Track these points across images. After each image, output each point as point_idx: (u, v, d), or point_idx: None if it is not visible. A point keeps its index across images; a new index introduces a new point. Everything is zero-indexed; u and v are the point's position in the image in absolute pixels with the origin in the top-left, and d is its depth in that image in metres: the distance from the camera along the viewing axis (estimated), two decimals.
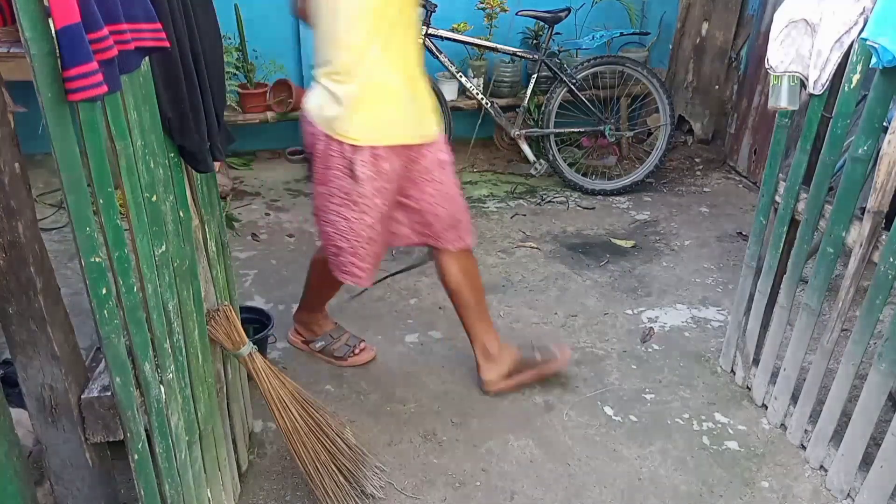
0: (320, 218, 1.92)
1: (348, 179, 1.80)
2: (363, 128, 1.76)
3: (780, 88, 1.81)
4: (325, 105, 1.77)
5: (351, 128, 1.75)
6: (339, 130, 1.76)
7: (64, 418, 1.16)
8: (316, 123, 1.80)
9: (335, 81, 1.75)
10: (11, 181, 0.97)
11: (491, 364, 2.18)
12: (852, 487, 1.81)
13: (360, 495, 1.78)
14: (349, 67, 1.72)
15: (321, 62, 1.78)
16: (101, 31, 0.93)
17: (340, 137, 1.76)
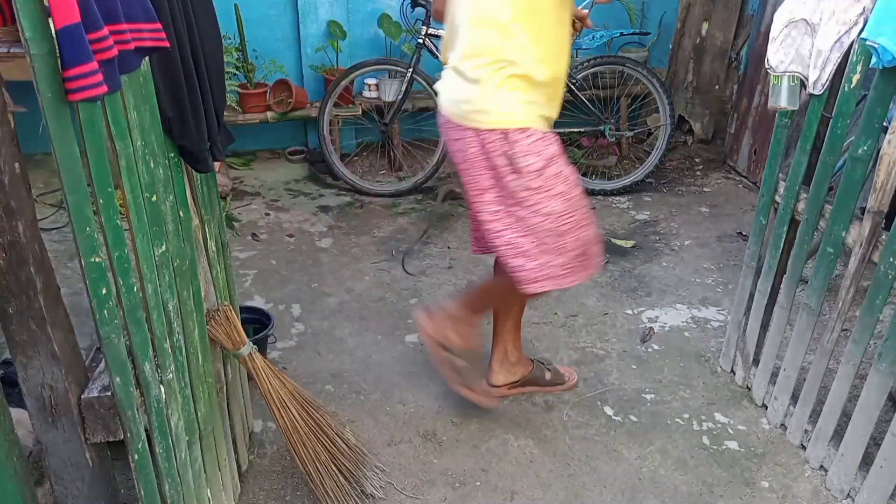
0: (560, 227, 1.73)
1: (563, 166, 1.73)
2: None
3: (780, 88, 1.81)
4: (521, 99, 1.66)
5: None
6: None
7: (64, 418, 1.16)
8: (519, 124, 1.66)
9: (509, 77, 1.63)
10: (11, 181, 0.97)
11: (504, 370, 2.17)
12: (852, 487, 1.81)
13: (360, 495, 1.78)
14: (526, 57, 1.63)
15: (474, 61, 1.65)
16: (101, 31, 0.93)
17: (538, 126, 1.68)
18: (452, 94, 1.72)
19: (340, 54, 3.91)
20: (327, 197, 3.71)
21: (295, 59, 4.00)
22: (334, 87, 3.67)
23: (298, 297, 2.75)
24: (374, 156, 4.17)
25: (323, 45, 3.89)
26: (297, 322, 2.58)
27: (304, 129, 4.21)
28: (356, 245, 3.20)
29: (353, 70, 3.65)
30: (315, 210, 3.55)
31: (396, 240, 3.25)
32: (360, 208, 3.60)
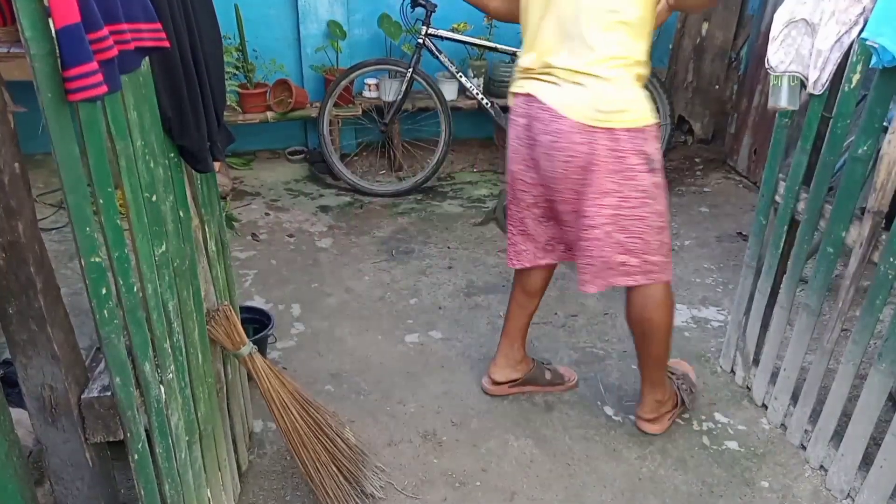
0: (661, 224, 1.77)
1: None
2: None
3: (780, 88, 1.81)
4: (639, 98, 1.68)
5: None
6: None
7: (64, 418, 1.16)
8: (638, 124, 1.67)
9: (637, 76, 1.66)
10: (11, 181, 0.97)
11: (508, 367, 2.17)
12: (852, 487, 1.81)
13: (360, 495, 1.78)
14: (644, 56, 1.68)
15: (589, 59, 1.63)
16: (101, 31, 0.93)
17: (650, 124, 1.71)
18: (578, 96, 1.64)
19: (340, 54, 3.91)
20: (327, 197, 3.71)
21: (295, 59, 4.00)
22: (334, 87, 3.67)
23: (298, 297, 2.75)
24: (374, 156, 4.17)
25: (323, 45, 3.89)
26: (297, 322, 2.58)
27: (304, 129, 4.21)
28: (356, 245, 3.20)
29: (353, 70, 3.65)
30: (315, 210, 3.55)
31: (396, 240, 3.25)
32: (360, 208, 3.60)
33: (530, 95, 1.73)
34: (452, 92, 3.96)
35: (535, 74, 1.72)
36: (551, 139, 1.70)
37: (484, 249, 3.17)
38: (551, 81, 1.69)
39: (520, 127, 1.79)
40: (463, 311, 2.67)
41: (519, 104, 1.78)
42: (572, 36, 1.63)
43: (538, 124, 1.72)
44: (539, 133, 1.73)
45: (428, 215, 3.53)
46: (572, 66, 1.64)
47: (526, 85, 1.75)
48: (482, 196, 3.78)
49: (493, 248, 3.18)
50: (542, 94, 1.70)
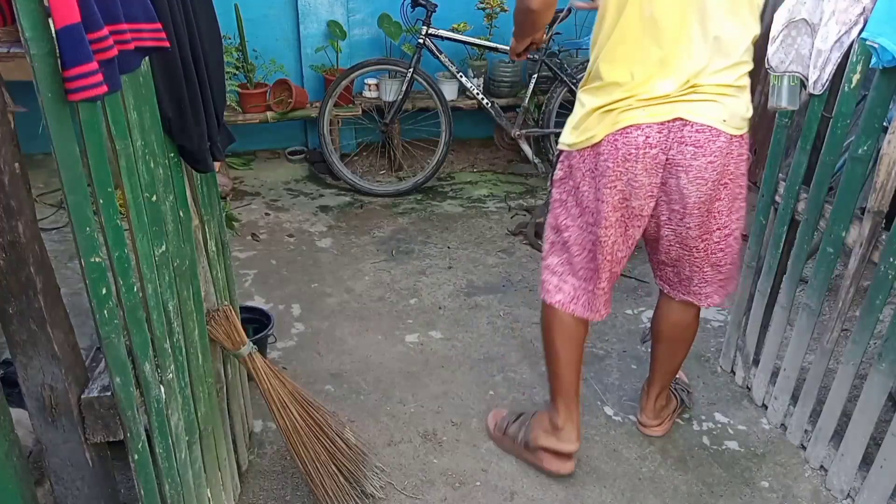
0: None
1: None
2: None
3: (780, 88, 1.81)
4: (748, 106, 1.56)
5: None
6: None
7: (64, 418, 1.16)
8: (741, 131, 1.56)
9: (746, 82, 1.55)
10: (11, 181, 0.97)
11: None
12: (852, 487, 1.81)
13: (360, 495, 1.78)
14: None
15: (735, 73, 1.51)
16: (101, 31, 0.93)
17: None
18: (733, 109, 1.52)
19: (340, 54, 3.91)
20: (327, 197, 3.71)
21: (295, 59, 4.01)
22: (334, 87, 3.67)
23: (298, 297, 2.75)
24: (374, 156, 4.17)
25: (323, 45, 3.89)
26: (297, 322, 2.58)
27: (304, 129, 4.21)
28: (356, 245, 3.20)
29: (353, 70, 3.65)
30: (315, 210, 3.55)
31: (396, 240, 3.25)
32: (360, 208, 3.60)
33: (677, 121, 1.50)
34: (452, 92, 3.96)
35: (675, 98, 1.49)
36: (710, 162, 1.53)
37: (484, 249, 3.17)
38: (704, 99, 1.50)
39: (647, 162, 1.53)
40: (463, 311, 2.67)
41: (649, 133, 1.50)
42: (716, 39, 1.46)
43: (690, 149, 1.52)
44: (689, 159, 1.53)
45: (428, 215, 3.53)
46: (725, 80, 1.49)
47: (661, 110, 1.50)
48: (482, 196, 3.78)
49: (493, 248, 3.18)
50: (694, 116, 1.50)
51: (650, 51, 1.47)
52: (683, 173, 1.54)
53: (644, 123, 1.50)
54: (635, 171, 1.54)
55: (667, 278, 1.83)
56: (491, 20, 3.93)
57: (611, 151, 1.53)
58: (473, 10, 3.94)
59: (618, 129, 1.52)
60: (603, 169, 1.56)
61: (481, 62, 4.01)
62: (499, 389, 2.25)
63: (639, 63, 1.48)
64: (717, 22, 1.44)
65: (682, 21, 1.44)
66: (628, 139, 1.51)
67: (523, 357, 2.41)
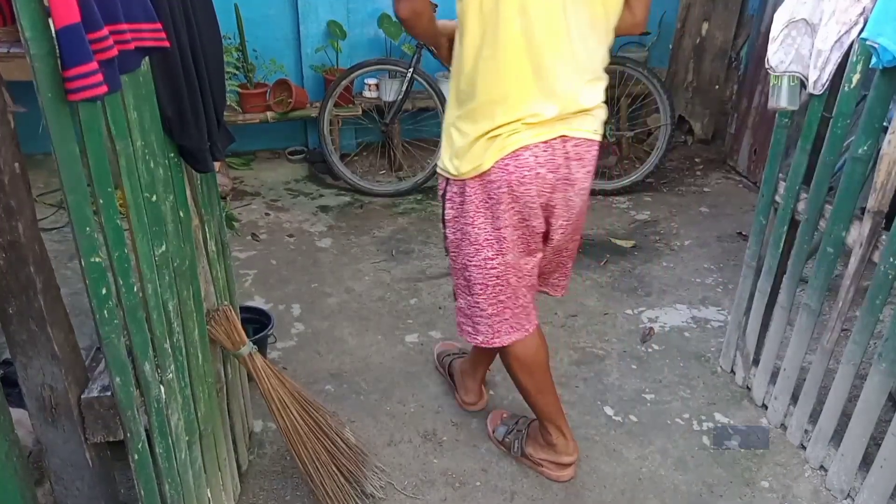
0: None
1: None
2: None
3: (780, 88, 1.81)
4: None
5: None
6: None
7: (64, 418, 1.16)
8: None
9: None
10: (11, 181, 0.97)
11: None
12: (852, 487, 1.81)
13: (360, 495, 1.78)
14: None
15: (601, 94, 1.58)
16: (101, 31, 0.93)
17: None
18: (597, 120, 1.58)
19: (340, 54, 3.91)
20: (327, 197, 3.71)
21: (295, 59, 4.00)
22: (334, 87, 3.67)
23: (298, 297, 2.75)
24: (374, 156, 4.17)
25: (323, 45, 3.89)
26: (297, 322, 2.58)
27: (304, 129, 4.21)
28: (356, 245, 3.20)
29: (353, 70, 3.65)
30: (315, 210, 3.55)
31: (396, 240, 3.25)
32: (360, 208, 3.60)
33: (560, 139, 1.53)
34: None
35: (557, 117, 1.52)
36: (588, 171, 1.60)
37: None
38: (580, 114, 1.55)
39: (539, 181, 1.54)
40: None
41: (537, 153, 1.52)
42: (577, 59, 1.50)
43: (574, 163, 1.56)
44: (574, 172, 1.57)
45: (428, 215, 3.53)
46: (596, 94, 1.56)
47: (545, 130, 1.52)
48: None
49: None
50: (574, 131, 1.54)
51: (524, 71, 1.46)
52: (570, 186, 1.58)
53: (531, 144, 1.50)
54: (531, 193, 1.54)
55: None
56: None
57: (503, 177, 1.52)
58: None
59: (507, 154, 1.50)
60: (498, 196, 1.54)
61: None
62: (499, 389, 2.25)
63: (514, 84, 1.48)
64: (582, 39, 1.47)
65: (553, 39, 1.44)
66: (519, 162, 1.51)
67: None
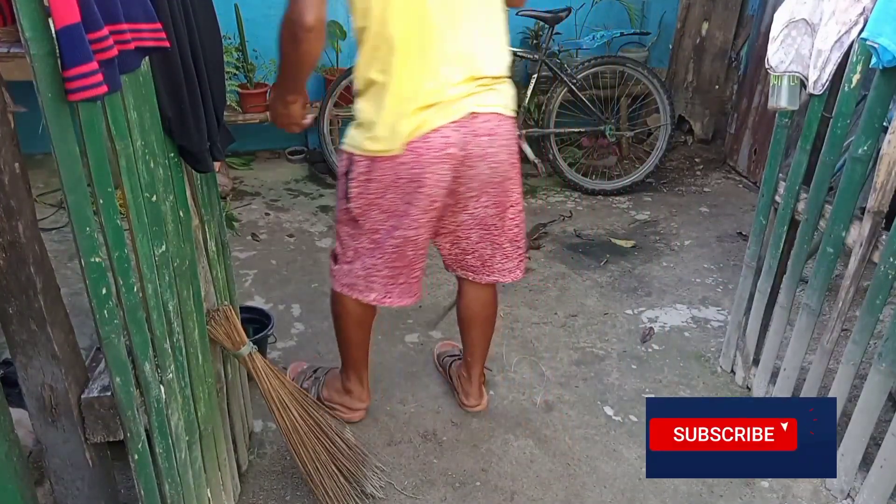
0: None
1: None
2: None
3: (780, 88, 1.81)
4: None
5: None
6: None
7: (64, 418, 1.16)
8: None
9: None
10: (11, 181, 0.97)
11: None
12: (852, 487, 1.81)
13: (360, 495, 1.78)
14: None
15: (504, 62, 1.63)
16: (101, 31, 0.93)
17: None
18: (504, 95, 1.63)
19: (340, 54, 3.91)
20: (327, 197, 3.71)
21: None
22: (334, 87, 3.67)
23: (298, 297, 2.75)
24: None
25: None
26: (297, 322, 2.58)
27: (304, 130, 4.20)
28: None
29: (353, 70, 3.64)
30: (315, 210, 3.55)
31: None
32: None
33: (470, 116, 1.57)
34: None
35: (463, 95, 1.55)
36: (501, 144, 1.64)
37: None
38: (486, 90, 1.59)
39: (448, 158, 1.57)
40: None
41: (447, 133, 1.55)
42: (478, 42, 1.56)
43: (484, 139, 1.60)
44: (484, 147, 1.61)
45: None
46: (498, 70, 1.60)
47: (454, 109, 1.55)
48: None
49: None
50: (482, 107, 1.58)
51: (426, 49, 1.50)
52: (482, 162, 1.63)
53: (441, 125, 1.54)
54: (442, 173, 1.58)
55: (469, 266, 1.90)
56: None
57: (414, 159, 1.55)
58: None
59: (419, 136, 1.54)
60: (409, 176, 1.57)
61: None
62: (499, 389, 2.25)
63: (416, 63, 1.50)
64: (477, 15, 1.54)
65: (450, 17, 1.49)
66: (430, 144, 1.54)
67: (523, 357, 2.41)
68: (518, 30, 4.10)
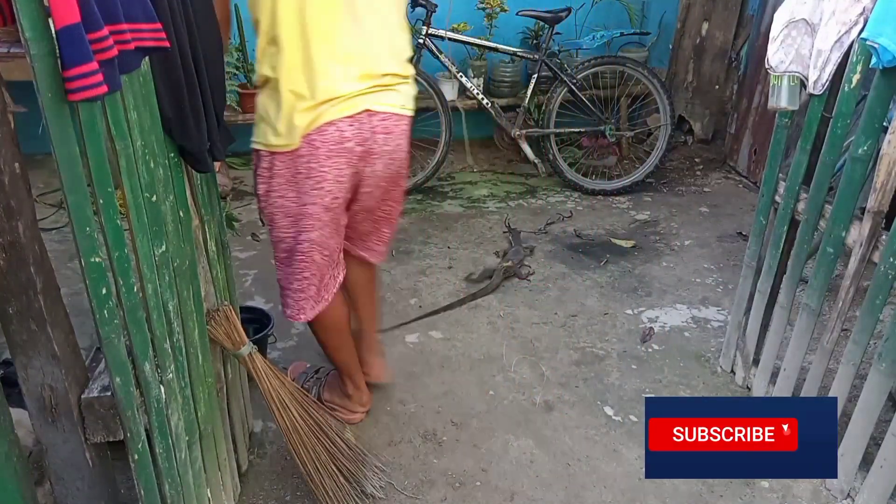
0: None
1: None
2: None
3: (780, 88, 1.81)
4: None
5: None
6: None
7: (64, 418, 1.16)
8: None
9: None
10: (11, 181, 0.97)
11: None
12: (852, 487, 1.81)
13: (360, 495, 1.78)
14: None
15: (404, 54, 1.68)
16: (101, 31, 0.93)
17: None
18: (403, 95, 1.68)
19: None
20: None
21: None
22: None
23: None
24: None
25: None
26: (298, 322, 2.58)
27: None
28: None
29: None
30: None
31: (396, 240, 3.25)
32: None
33: (366, 112, 1.60)
34: (452, 92, 3.96)
35: (360, 92, 1.59)
36: (397, 143, 1.69)
37: (484, 249, 3.17)
38: (384, 89, 1.62)
39: (346, 153, 1.60)
40: (463, 311, 2.67)
41: (342, 127, 1.57)
42: (376, 38, 1.60)
43: (381, 136, 1.63)
44: (381, 145, 1.65)
45: (428, 215, 3.53)
46: (397, 70, 1.64)
47: (349, 105, 1.58)
48: (482, 196, 3.78)
49: (493, 248, 3.18)
50: (380, 105, 1.62)
51: (311, 49, 1.52)
52: (378, 158, 1.67)
53: (336, 119, 1.57)
54: (339, 166, 1.60)
55: (349, 239, 1.91)
56: (491, 20, 3.93)
57: (311, 152, 1.57)
58: (473, 10, 3.94)
59: (313, 129, 1.56)
60: (306, 171, 1.59)
61: (481, 62, 4.01)
62: (499, 389, 2.25)
63: (303, 62, 1.52)
64: (370, 14, 1.56)
65: (335, 18, 1.52)
66: (325, 137, 1.56)
67: (523, 357, 2.41)
68: (518, 30, 4.10)
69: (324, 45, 1.52)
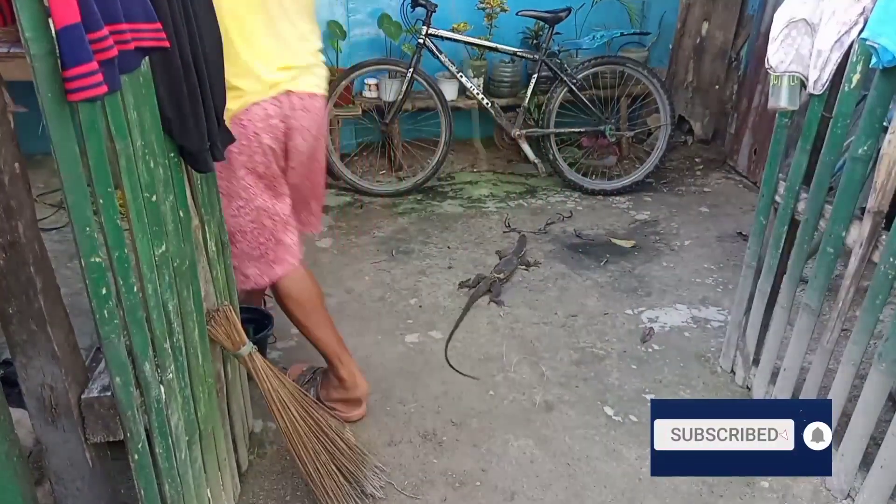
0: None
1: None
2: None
3: (780, 88, 1.81)
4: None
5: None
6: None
7: (64, 418, 1.16)
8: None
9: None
10: (11, 181, 0.97)
11: None
12: (852, 487, 1.81)
13: (360, 495, 1.78)
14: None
15: (315, 48, 1.95)
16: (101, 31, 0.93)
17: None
18: (317, 77, 1.90)
19: (340, 54, 3.91)
20: (327, 197, 3.69)
21: None
22: (334, 88, 3.67)
23: None
24: (374, 156, 4.17)
25: (322, 46, 3.88)
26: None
27: None
28: (356, 245, 3.19)
29: (353, 70, 3.65)
30: None
31: (396, 240, 3.25)
32: (360, 208, 3.60)
33: (286, 93, 1.79)
34: (452, 92, 3.96)
35: (281, 79, 1.78)
36: (314, 118, 1.87)
37: (484, 249, 3.17)
38: (301, 71, 1.83)
39: (272, 129, 1.78)
40: None
41: (266, 106, 1.76)
42: (296, 26, 1.84)
43: (300, 113, 1.82)
44: (300, 121, 1.83)
45: (428, 215, 3.53)
46: (312, 55, 1.90)
47: (271, 89, 1.77)
48: (482, 196, 3.78)
49: (493, 248, 3.18)
50: (299, 86, 1.82)
51: (239, 48, 1.69)
52: (299, 133, 1.84)
53: (261, 100, 1.75)
54: (266, 141, 1.78)
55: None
56: (491, 20, 3.93)
57: (239, 131, 1.73)
58: (473, 10, 3.94)
59: (240, 110, 1.74)
60: (238, 149, 1.74)
61: (481, 62, 4.01)
62: (499, 389, 2.26)
63: (239, 57, 1.70)
64: (286, 19, 1.79)
65: (255, 19, 1.72)
66: (251, 115, 1.74)
67: (523, 357, 2.41)
68: (518, 30, 4.10)
69: (246, 47, 1.70)
